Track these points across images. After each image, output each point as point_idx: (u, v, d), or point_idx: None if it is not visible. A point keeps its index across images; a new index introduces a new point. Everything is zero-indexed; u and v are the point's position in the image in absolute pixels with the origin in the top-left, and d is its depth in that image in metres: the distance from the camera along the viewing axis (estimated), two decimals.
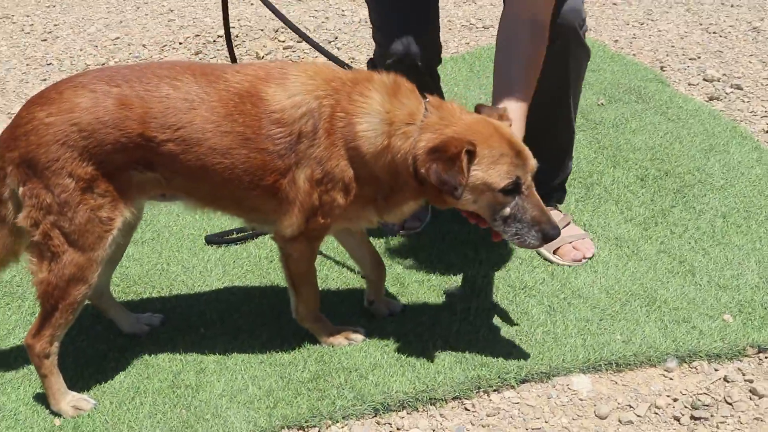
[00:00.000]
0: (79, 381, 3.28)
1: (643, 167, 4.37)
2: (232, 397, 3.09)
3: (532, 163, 2.86)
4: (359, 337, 3.31)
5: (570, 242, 3.74)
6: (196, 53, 6.44)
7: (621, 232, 3.90)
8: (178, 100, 2.89)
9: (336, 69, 3.04)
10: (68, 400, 3.15)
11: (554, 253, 3.72)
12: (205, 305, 3.63)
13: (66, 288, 2.96)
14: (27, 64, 6.52)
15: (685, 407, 2.99)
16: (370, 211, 3.07)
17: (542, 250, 3.75)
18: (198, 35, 6.82)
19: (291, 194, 2.98)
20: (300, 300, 3.26)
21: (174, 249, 4.06)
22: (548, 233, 2.86)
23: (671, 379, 3.11)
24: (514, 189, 2.82)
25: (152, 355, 3.37)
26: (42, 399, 3.19)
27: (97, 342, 3.49)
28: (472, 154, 2.77)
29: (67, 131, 2.84)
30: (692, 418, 2.94)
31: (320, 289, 3.47)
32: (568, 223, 3.82)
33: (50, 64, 6.49)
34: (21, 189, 2.89)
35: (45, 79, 6.21)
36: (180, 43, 6.72)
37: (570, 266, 3.69)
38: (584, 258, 3.71)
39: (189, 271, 3.88)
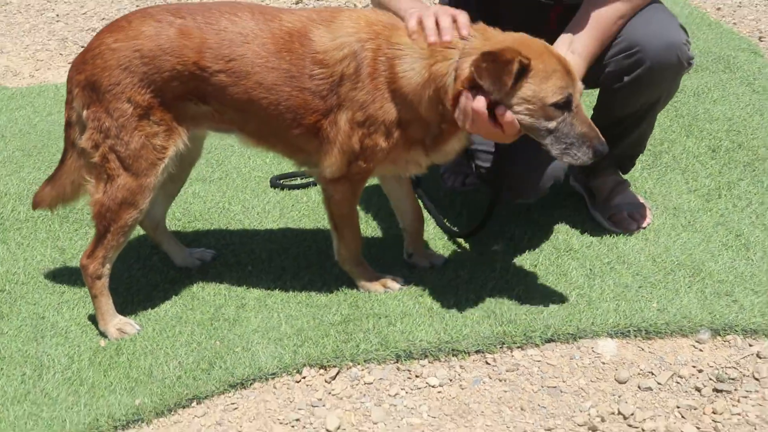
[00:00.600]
0: (129, 306, 3.45)
1: (717, 138, 4.26)
2: (264, 333, 3.20)
3: (580, 85, 2.91)
4: (396, 285, 3.37)
5: (626, 210, 3.68)
6: (297, 2, 6.53)
7: (681, 202, 3.83)
8: (234, 33, 2.99)
9: (379, 13, 3.08)
10: (115, 322, 3.31)
11: (609, 219, 3.68)
12: (256, 245, 3.74)
13: (118, 211, 3.11)
14: (136, 6, 6.74)
15: (710, 379, 2.94)
16: (418, 153, 3.12)
17: (597, 215, 3.71)
18: None
19: (332, 135, 3.05)
20: (341, 242, 3.33)
21: (238, 189, 4.19)
22: (598, 149, 2.89)
23: (701, 350, 3.07)
24: (565, 105, 2.85)
25: (199, 288, 3.51)
26: (92, 320, 3.36)
27: (150, 272, 3.65)
28: (525, 67, 2.79)
29: (130, 56, 2.99)
30: (714, 390, 2.90)
31: (367, 235, 3.54)
32: (626, 189, 3.75)
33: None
34: (85, 112, 3.06)
35: None
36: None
37: (621, 232, 3.64)
38: (639, 227, 3.66)
39: (248, 211, 3.99)
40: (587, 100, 3.44)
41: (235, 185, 4.22)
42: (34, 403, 3.02)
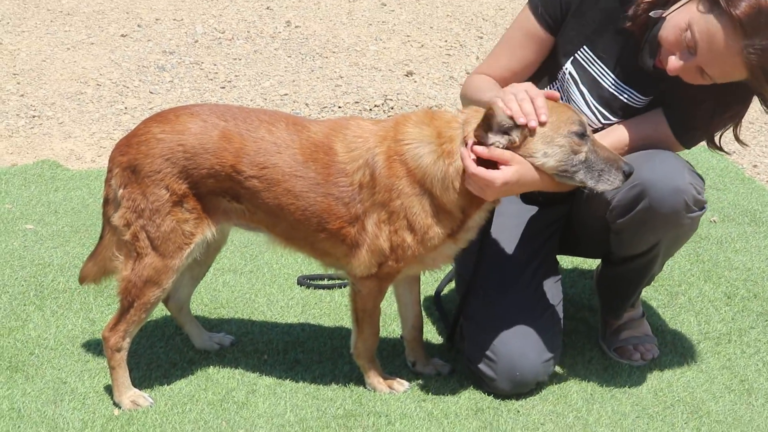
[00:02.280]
0: (147, 380, 3.61)
1: (734, 286, 4.37)
2: (269, 419, 3.34)
3: (584, 117, 3.14)
4: (401, 388, 3.49)
5: (634, 344, 3.78)
6: None
7: (691, 343, 3.93)
8: (270, 143, 3.23)
9: (380, 120, 3.33)
10: (129, 395, 3.47)
11: (614, 350, 3.78)
12: (274, 336, 3.91)
13: (143, 288, 3.31)
14: None
15: None
16: (446, 246, 3.29)
17: (604, 345, 3.82)
18: (358, 102, 7.24)
19: (360, 240, 3.25)
20: (360, 336, 3.48)
21: (266, 283, 4.38)
22: (624, 169, 3.08)
23: None
24: (584, 132, 3.06)
25: (215, 371, 3.66)
26: (109, 390, 3.52)
27: (171, 351, 3.82)
28: None
29: (174, 149, 3.23)
30: None
31: (383, 336, 3.69)
32: (637, 324, 3.85)
33: None
34: (121, 191, 3.29)
35: None
36: (339, 107, 7.15)
37: (627, 363, 3.74)
38: (644, 360, 3.75)
39: (272, 304, 4.17)
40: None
41: (264, 279, 4.41)
42: None
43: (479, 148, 3.07)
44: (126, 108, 7.07)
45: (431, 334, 3.96)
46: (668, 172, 3.22)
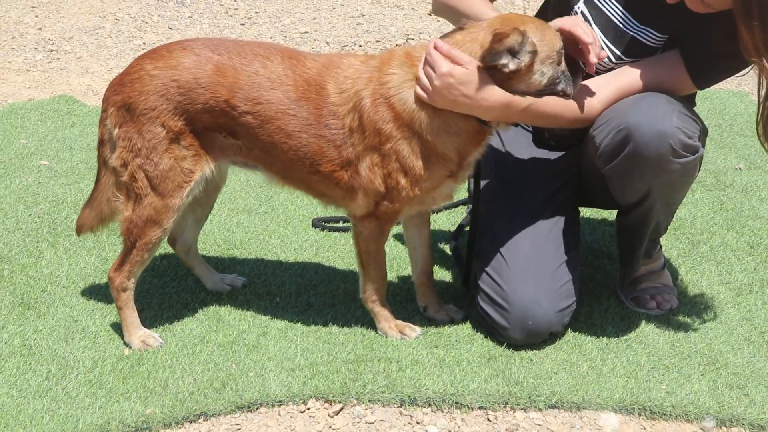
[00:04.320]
0: (158, 320, 3.59)
1: (758, 235, 4.28)
2: (279, 362, 3.30)
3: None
4: (412, 334, 3.45)
5: (651, 294, 3.71)
6: None
7: (711, 293, 3.85)
8: (264, 77, 3.15)
9: (369, 58, 3.24)
10: (139, 334, 3.45)
11: (631, 300, 3.71)
12: (287, 278, 3.86)
13: (144, 228, 3.27)
14: None
15: None
16: (446, 185, 3.25)
17: (621, 295, 3.75)
18: (379, 41, 7.12)
19: (355, 183, 3.20)
20: (367, 279, 3.43)
21: (281, 224, 4.33)
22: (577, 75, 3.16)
23: None
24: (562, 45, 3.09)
25: (226, 312, 3.63)
26: (120, 329, 3.49)
27: (183, 292, 3.79)
28: (524, 34, 2.98)
29: (168, 85, 3.16)
30: None
31: (395, 283, 3.64)
32: (657, 275, 3.77)
33: None
34: (116, 131, 3.23)
35: None
36: (360, 46, 7.04)
37: (645, 312, 3.68)
38: (661, 311, 3.68)
39: (285, 246, 4.12)
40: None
41: (279, 220, 4.36)
42: (54, 399, 3.16)
43: (440, 43, 3.06)
44: (144, 44, 6.98)
45: (446, 278, 3.90)
46: (654, 116, 3.08)
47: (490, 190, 3.62)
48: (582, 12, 3.38)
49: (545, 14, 3.55)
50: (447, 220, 4.41)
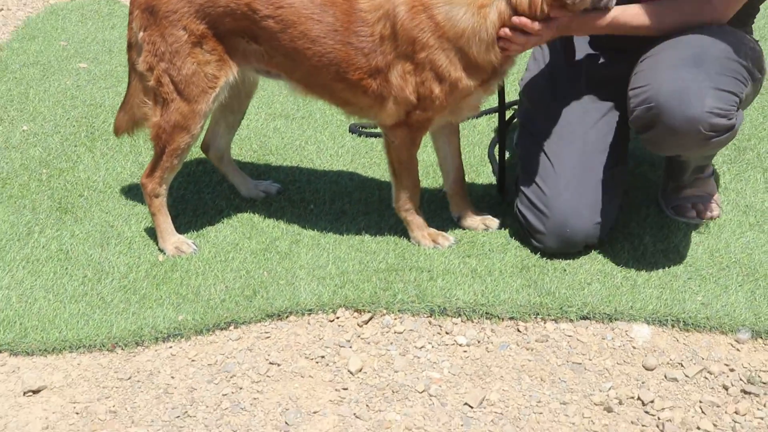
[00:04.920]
0: (193, 226, 3.60)
1: None
2: (310, 270, 3.30)
3: None
4: (446, 243, 3.42)
5: (693, 202, 3.61)
6: None
7: (755, 201, 3.75)
8: None
9: None
10: (173, 240, 3.46)
11: (672, 208, 3.62)
12: (321, 185, 3.84)
13: (172, 133, 3.26)
14: None
15: (740, 379, 2.91)
16: (476, 94, 3.19)
17: (662, 202, 3.67)
18: None
19: (385, 92, 3.14)
20: (399, 188, 3.39)
21: (318, 130, 4.29)
22: None
23: (738, 350, 3.03)
24: None
25: (260, 219, 3.63)
26: (154, 236, 3.51)
27: (218, 198, 3.79)
28: None
29: None
30: (742, 391, 2.87)
31: (431, 191, 3.60)
32: (701, 183, 3.66)
33: None
34: (141, 34, 3.20)
35: None
36: None
37: (685, 221, 3.60)
38: (702, 219, 3.60)
39: (321, 152, 4.09)
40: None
41: (316, 126, 4.31)
42: (89, 304, 3.20)
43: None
44: None
45: (483, 186, 3.84)
46: (686, 95, 2.93)
47: (536, 85, 3.55)
48: None
49: None
50: (486, 125, 4.32)
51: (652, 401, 2.82)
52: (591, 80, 3.47)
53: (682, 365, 2.96)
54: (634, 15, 3.16)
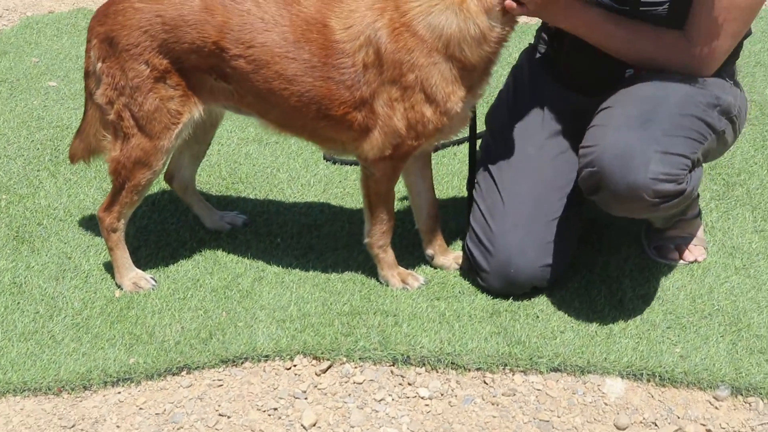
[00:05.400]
0: (153, 260, 3.45)
1: None
2: (271, 312, 3.15)
3: None
4: (415, 284, 3.27)
5: (677, 244, 3.45)
6: None
7: (742, 242, 3.58)
8: (256, 18, 2.92)
9: None
10: (131, 276, 3.31)
11: (654, 248, 3.47)
12: (290, 217, 3.69)
13: (132, 169, 3.10)
14: None
15: None
16: (467, 104, 3.01)
17: (645, 242, 3.51)
18: None
19: (370, 123, 2.97)
20: (375, 222, 3.22)
21: (291, 156, 4.14)
22: None
23: (716, 408, 2.87)
24: None
25: (223, 253, 3.48)
26: (112, 269, 3.36)
27: (182, 228, 3.64)
28: None
29: (151, 20, 2.95)
30: None
31: (402, 228, 3.46)
32: (686, 223, 3.48)
33: None
34: (100, 65, 3.04)
35: None
36: None
37: (667, 263, 3.44)
38: (684, 261, 3.44)
39: (293, 181, 3.94)
40: None
41: (289, 152, 4.16)
42: (39, 343, 3.06)
43: None
44: None
45: (459, 220, 3.68)
46: (628, 160, 2.77)
47: (498, 114, 3.41)
48: None
49: None
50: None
51: None
52: (554, 114, 3.32)
53: (656, 425, 2.81)
54: (614, 24, 3.02)
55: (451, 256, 3.39)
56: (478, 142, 3.54)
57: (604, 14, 3.02)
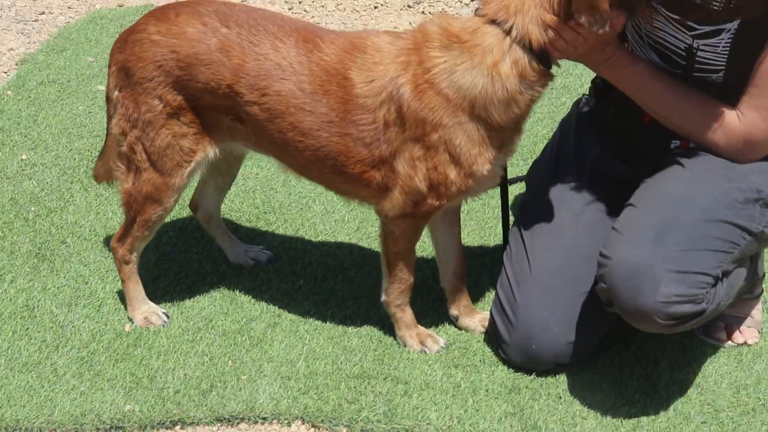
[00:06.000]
0: (170, 293, 3.35)
1: None
2: (278, 366, 3.00)
3: None
4: (434, 347, 3.07)
5: (728, 323, 3.17)
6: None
7: None
8: (273, 64, 2.75)
9: (397, 38, 2.78)
10: (143, 310, 3.20)
11: (702, 327, 3.17)
12: (316, 258, 3.52)
13: (143, 204, 2.99)
14: None
15: None
16: (496, 163, 2.81)
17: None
18: None
19: (390, 182, 2.79)
20: (392, 281, 3.03)
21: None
22: None
23: None
24: None
25: (242, 292, 3.34)
26: None
27: (205, 261, 3.51)
28: None
29: (166, 56, 2.81)
30: None
31: (425, 283, 3.27)
32: (743, 303, 3.19)
33: None
34: (116, 93, 2.94)
35: None
36: None
37: (713, 343, 3.16)
38: (733, 342, 3.16)
39: (327, 215, 3.76)
40: None
41: None
42: (39, 376, 2.98)
43: None
44: None
45: (491, 273, 3.44)
46: (637, 281, 2.57)
47: (538, 171, 3.20)
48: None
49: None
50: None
51: None
52: (595, 179, 3.06)
53: None
54: (660, 83, 2.78)
55: (477, 318, 3.17)
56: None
57: (653, 71, 2.79)
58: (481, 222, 3.74)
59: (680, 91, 2.77)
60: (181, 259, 3.51)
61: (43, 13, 5.45)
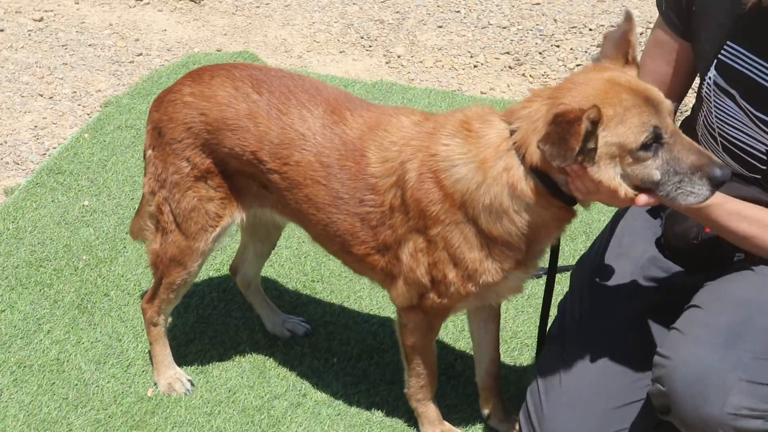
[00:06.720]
0: (200, 357, 3.26)
1: None
2: None
3: (667, 104, 2.27)
4: None
5: None
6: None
7: None
8: (297, 134, 2.63)
9: (424, 119, 2.59)
10: (168, 375, 3.12)
11: None
12: (356, 335, 3.37)
13: (168, 266, 2.92)
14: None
15: None
16: (514, 276, 2.57)
17: None
18: (614, 26, 6.25)
19: (394, 270, 2.61)
20: (410, 375, 2.85)
21: None
22: (714, 174, 2.21)
23: None
24: (655, 140, 2.23)
25: (272, 365, 3.24)
26: None
27: (242, 328, 3.40)
28: (594, 121, 2.20)
29: (195, 118, 2.75)
30: None
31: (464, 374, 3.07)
32: None
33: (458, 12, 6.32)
34: (150, 152, 2.88)
35: (440, 26, 6.08)
36: (590, 29, 6.23)
37: None
38: None
39: (375, 290, 3.58)
40: None
41: None
42: None
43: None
44: None
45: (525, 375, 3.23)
46: (703, 388, 2.30)
47: (586, 266, 2.93)
48: (714, 82, 2.54)
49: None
50: None
51: None
52: (645, 282, 2.80)
53: None
54: (726, 213, 2.46)
55: (509, 421, 2.95)
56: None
57: (726, 207, 2.45)
58: (527, 313, 3.50)
59: (751, 217, 2.47)
60: (219, 323, 3.41)
61: (141, 54, 5.49)
